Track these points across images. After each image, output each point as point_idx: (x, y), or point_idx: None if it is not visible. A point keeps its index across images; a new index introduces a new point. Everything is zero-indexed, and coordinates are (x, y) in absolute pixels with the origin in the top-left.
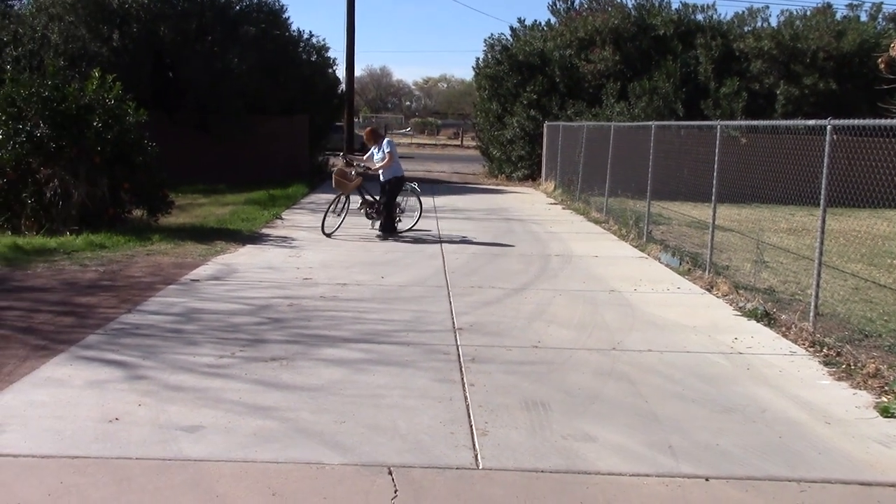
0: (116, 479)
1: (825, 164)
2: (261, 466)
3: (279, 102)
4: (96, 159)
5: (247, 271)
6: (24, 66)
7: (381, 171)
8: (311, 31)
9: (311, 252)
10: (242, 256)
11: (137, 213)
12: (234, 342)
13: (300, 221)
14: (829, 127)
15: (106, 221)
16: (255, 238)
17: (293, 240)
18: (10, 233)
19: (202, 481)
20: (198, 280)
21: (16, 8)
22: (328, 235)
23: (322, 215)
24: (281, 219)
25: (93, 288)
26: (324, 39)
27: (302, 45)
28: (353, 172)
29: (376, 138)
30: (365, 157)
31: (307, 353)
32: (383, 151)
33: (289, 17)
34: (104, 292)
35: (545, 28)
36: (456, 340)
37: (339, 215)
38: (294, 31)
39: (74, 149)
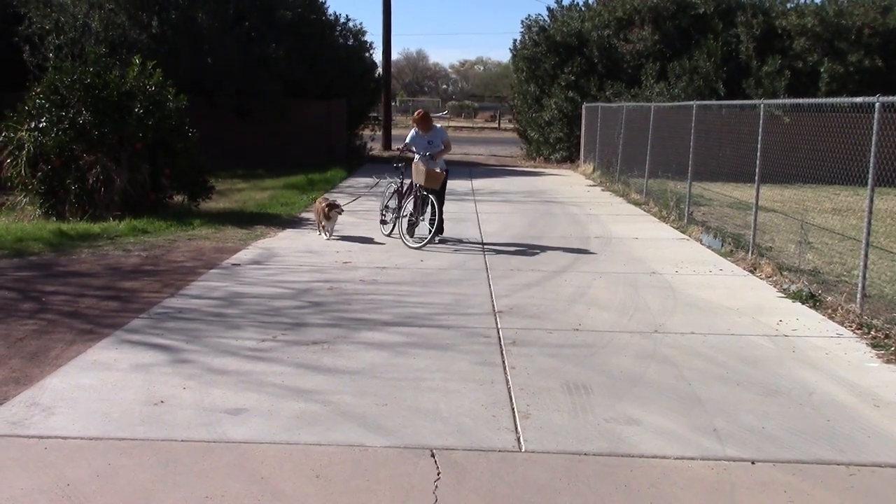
0: (162, 460)
1: (873, 143)
2: (304, 449)
3: (316, 87)
4: (138, 145)
5: (287, 255)
6: (66, 55)
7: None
8: (347, 16)
9: (350, 235)
10: (282, 241)
11: (178, 198)
12: (275, 326)
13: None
14: (877, 104)
15: (148, 207)
16: (295, 222)
17: None
18: (54, 218)
19: (246, 463)
20: (239, 264)
21: None
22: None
23: (396, 221)
24: None
25: (136, 272)
26: (360, 23)
27: (339, 29)
28: (425, 164)
29: (429, 124)
30: (405, 145)
31: (348, 337)
32: (443, 137)
33: (325, 2)
34: (147, 277)
35: (583, 8)
36: (496, 323)
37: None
38: (331, 15)
39: (116, 135)
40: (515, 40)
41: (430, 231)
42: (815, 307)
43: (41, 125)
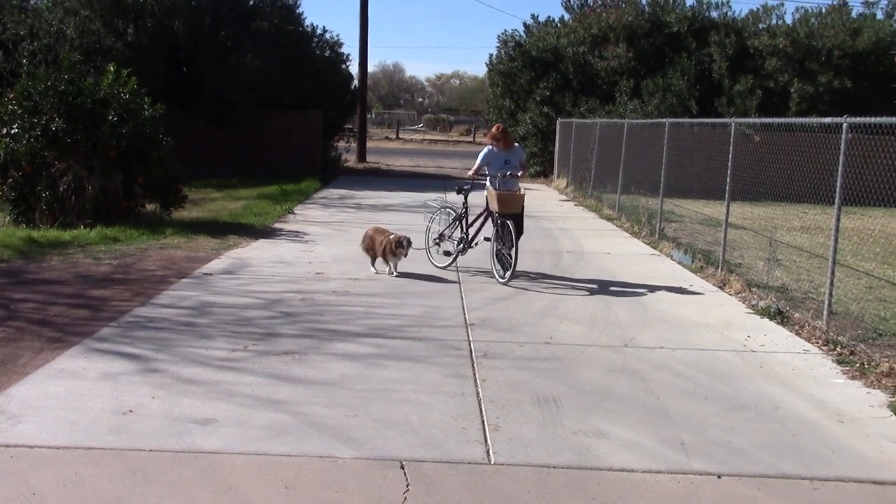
0: (130, 470)
1: (841, 163)
2: (273, 459)
3: (293, 97)
4: (111, 153)
5: (259, 265)
6: (39, 61)
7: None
8: (324, 27)
9: (324, 246)
10: (255, 251)
11: (151, 207)
12: (246, 336)
13: (312, 216)
14: (845, 125)
15: (120, 215)
16: (268, 232)
17: (305, 234)
18: (25, 225)
19: (215, 474)
20: (210, 274)
21: (32, 2)
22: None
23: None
24: (293, 213)
25: (106, 281)
26: (337, 35)
27: (315, 40)
28: (499, 187)
29: (508, 140)
30: (477, 167)
31: (320, 348)
32: (521, 158)
33: (302, 13)
34: (118, 285)
35: (559, 24)
36: (468, 336)
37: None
38: (308, 26)
39: (89, 143)
40: (491, 55)
41: (510, 263)
42: (783, 323)
43: (13, 131)
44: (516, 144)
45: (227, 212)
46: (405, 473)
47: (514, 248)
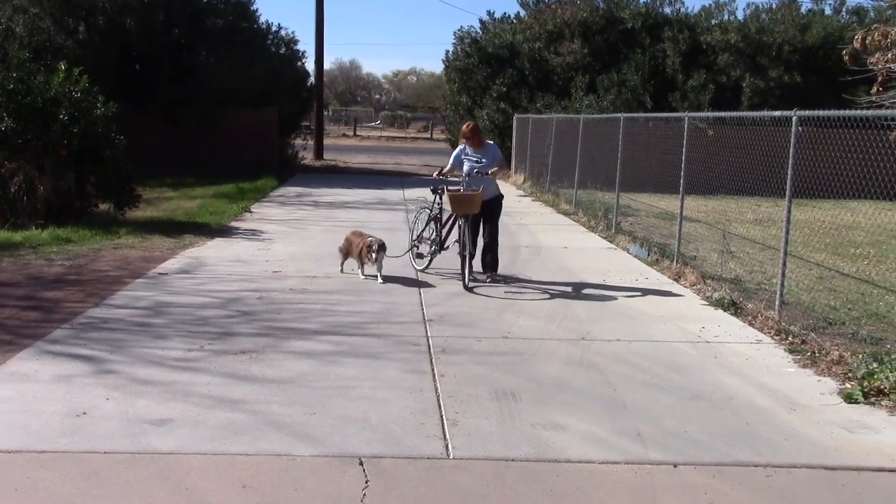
0: (84, 473)
1: (791, 155)
2: (230, 459)
3: (248, 95)
4: (62, 152)
5: (216, 264)
6: None
7: (483, 187)
8: (279, 24)
9: (281, 245)
10: (211, 250)
11: (104, 206)
12: (202, 335)
13: (269, 214)
14: (794, 118)
15: (72, 215)
16: (224, 231)
17: (262, 233)
18: None
19: (171, 474)
20: (166, 273)
21: None
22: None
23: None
24: (250, 212)
25: (59, 282)
26: (293, 32)
27: (271, 37)
28: (464, 188)
29: (480, 138)
30: (450, 167)
31: (277, 346)
32: (496, 156)
33: (257, 10)
34: (70, 286)
35: (514, 21)
36: (426, 331)
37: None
38: (263, 23)
39: (40, 142)
40: (448, 51)
41: (471, 267)
42: (737, 314)
43: None
44: (490, 142)
45: (183, 211)
46: (364, 470)
47: (468, 251)
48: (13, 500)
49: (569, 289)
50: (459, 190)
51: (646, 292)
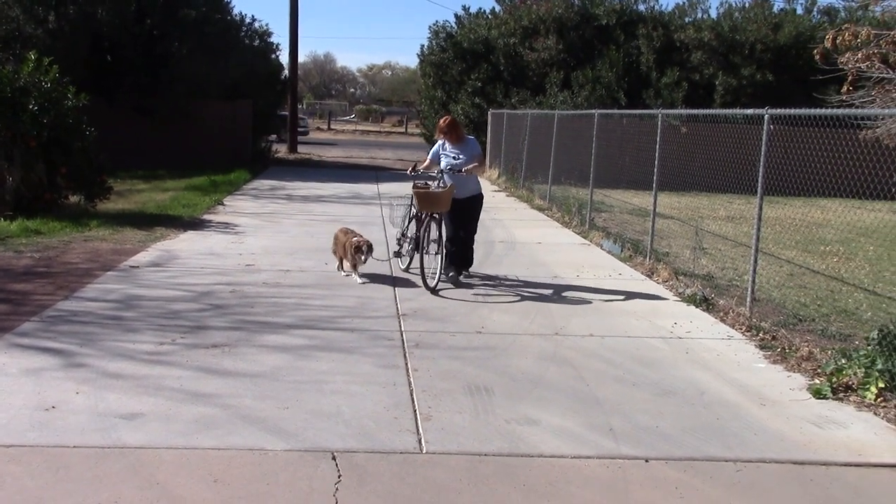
0: (53, 467)
1: (762, 153)
2: (202, 453)
3: (221, 87)
4: (32, 143)
5: (188, 258)
6: None
7: (461, 185)
8: (253, 16)
9: (254, 238)
10: (183, 243)
11: (75, 198)
12: (174, 329)
13: (242, 208)
14: (766, 116)
15: (42, 207)
16: (197, 224)
17: (235, 226)
18: None
19: (142, 469)
20: (137, 266)
21: None
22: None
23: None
24: (223, 205)
25: (28, 274)
26: (266, 24)
27: (244, 29)
28: (438, 185)
29: (458, 133)
30: (428, 163)
31: (250, 340)
32: (475, 151)
33: (230, 2)
34: (40, 279)
35: (489, 16)
36: (400, 326)
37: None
38: (236, 15)
39: (9, 132)
40: (423, 46)
41: (438, 266)
42: (708, 310)
43: None
44: (470, 137)
45: (155, 203)
46: (337, 464)
47: (440, 250)
48: None
49: (543, 284)
50: (428, 187)
51: (619, 288)
